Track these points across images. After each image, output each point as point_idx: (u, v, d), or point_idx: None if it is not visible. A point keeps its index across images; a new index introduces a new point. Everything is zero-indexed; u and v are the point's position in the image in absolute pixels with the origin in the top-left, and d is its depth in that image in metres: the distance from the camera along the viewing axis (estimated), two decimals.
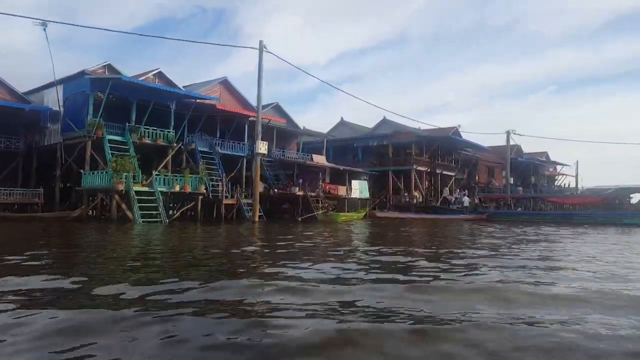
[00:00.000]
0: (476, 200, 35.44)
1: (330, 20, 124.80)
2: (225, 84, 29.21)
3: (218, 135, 27.39)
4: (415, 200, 37.59)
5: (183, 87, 28.02)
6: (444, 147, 40.65)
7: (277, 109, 35.08)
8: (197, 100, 24.68)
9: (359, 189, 31.64)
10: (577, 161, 73.87)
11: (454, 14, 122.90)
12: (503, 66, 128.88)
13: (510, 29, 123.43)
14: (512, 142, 63.03)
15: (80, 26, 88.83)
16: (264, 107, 34.54)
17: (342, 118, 43.64)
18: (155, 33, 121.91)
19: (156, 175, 20.84)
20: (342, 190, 30.09)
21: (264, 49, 22.01)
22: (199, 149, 25.41)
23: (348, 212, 30.27)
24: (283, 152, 32.98)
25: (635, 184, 31.15)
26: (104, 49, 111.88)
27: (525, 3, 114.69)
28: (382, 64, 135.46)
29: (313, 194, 27.94)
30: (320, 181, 28.73)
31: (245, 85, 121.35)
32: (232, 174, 28.43)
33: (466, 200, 34.66)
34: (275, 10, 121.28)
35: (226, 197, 23.83)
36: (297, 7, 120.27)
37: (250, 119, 29.20)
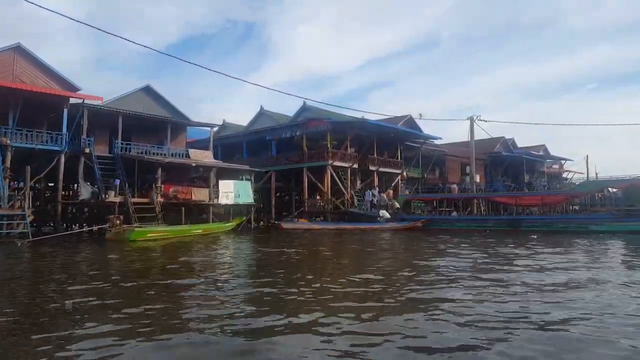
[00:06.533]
0: (397, 204, 26.80)
1: (359, 27, 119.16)
2: (20, 51, 21.94)
3: (12, 123, 20.28)
4: (348, 205, 29.62)
5: None
6: (382, 138, 32.40)
7: (149, 92, 27.68)
8: None
9: (233, 192, 23.84)
10: (587, 155, 63.94)
11: (485, 13, 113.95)
12: (538, 65, 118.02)
13: (545, 26, 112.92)
14: (508, 136, 54.50)
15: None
16: (130, 93, 27.36)
17: (261, 107, 35.89)
18: (188, 50, 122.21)
19: None
20: (200, 194, 22.38)
21: None
22: None
23: (213, 222, 22.61)
24: (157, 146, 25.68)
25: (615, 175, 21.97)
26: (140, 68, 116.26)
27: None
28: (413, 67, 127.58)
29: (145, 200, 20.42)
30: (159, 182, 21.11)
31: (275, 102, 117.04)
32: (41, 175, 21.37)
33: (380, 202, 26.22)
34: (305, 19, 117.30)
35: None
36: (326, 16, 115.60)
37: (72, 101, 22.10)
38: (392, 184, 33.41)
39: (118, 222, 16.90)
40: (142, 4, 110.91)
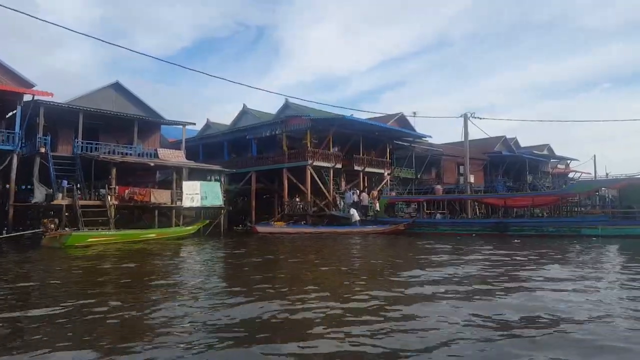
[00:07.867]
0: (377, 206, 25.07)
1: (370, 29, 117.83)
2: None
3: None
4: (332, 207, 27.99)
5: None
6: (368, 137, 30.70)
7: (119, 89, 26.32)
8: None
9: (200, 193, 22.35)
10: (595, 155, 61.61)
11: (496, 12, 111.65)
12: (550, 64, 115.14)
13: (557, 24, 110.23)
14: (509, 135, 52.44)
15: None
16: (97, 90, 26.08)
17: (244, 105, 34.38)
18: (201, 52, 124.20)
19: None
20: (161, 197, 20.90)
21: None
22: None
23: (179, 227, 21.14)
24: (124, 146, 24.33)
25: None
26: (152, 72, 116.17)
27: None
28: (425, 68, 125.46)
29: (97, 202, 19.01)
30: (113, 183, 19.65)
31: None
32: None
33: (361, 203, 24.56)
34: (316, 21, 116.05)
35: None
36: (337, 17, 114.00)
37: (26, 99, 20.83)
38: (381, 185, 31.72)
39: (52, 226, 15.48)
40: (156, 7, 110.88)
